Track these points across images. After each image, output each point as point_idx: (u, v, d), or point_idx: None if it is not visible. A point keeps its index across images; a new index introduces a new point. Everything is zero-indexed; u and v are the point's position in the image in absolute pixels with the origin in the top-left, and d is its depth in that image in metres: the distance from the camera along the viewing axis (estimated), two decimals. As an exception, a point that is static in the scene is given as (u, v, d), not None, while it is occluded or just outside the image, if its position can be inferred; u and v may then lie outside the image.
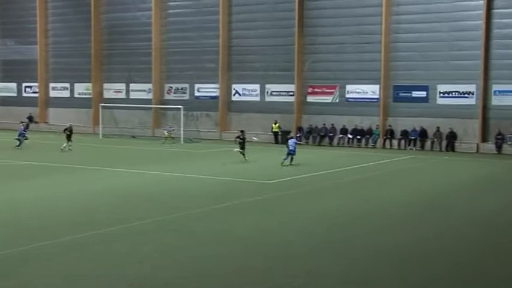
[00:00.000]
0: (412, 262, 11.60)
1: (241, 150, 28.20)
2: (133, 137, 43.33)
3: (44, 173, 23.20)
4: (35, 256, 11.47)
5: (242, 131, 29.16)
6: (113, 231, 13.58)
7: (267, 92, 42.39)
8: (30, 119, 50.24)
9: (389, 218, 16.01)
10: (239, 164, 27.39)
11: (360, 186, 22.02)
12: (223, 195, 18.95)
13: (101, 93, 47.99)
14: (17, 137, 33.25)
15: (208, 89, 44.34)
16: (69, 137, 32.35)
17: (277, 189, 20.36)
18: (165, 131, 40.07)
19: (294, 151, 26.89)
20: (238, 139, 28.57)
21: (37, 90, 50.82)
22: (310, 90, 41.09)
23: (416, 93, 37.99)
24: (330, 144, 39.70)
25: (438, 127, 36.93)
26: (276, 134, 40.88)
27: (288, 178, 22.85)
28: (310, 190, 20.53)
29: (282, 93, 41.89)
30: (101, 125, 43.98)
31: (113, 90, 47.69)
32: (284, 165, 26.32)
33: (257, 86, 42.66)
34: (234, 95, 43.60)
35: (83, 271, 10.61)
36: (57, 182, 21.03)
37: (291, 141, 27.23)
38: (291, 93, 41.29)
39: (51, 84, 50.63)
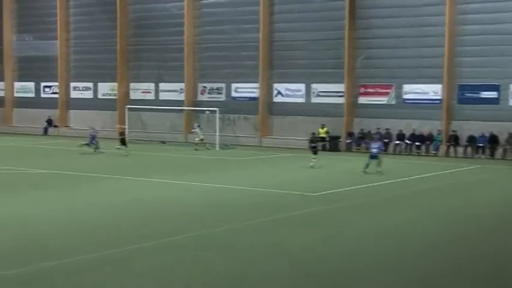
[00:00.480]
0: (486, 274, 12.34)
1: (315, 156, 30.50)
2: (163, 142, 44.20)
3: (72, 183, 24.12)
4: (65, 271, 12.17)
5: (314, 133, 33.18)
6: (152, 246, 14.17)
7: (313, 93, 42.73)
8: (50, 122, 51.72)
9: (455, 232, 16.49)
10: (282, 174, 28.18)
11: (422, 198, 22.31)
12: (268, 207, 19.51)
13: (127, 94, 49.07)
14: (89, 142, 35.89)
15: (246, 89, 44.92)
16: (123, 141, 35.08)
17: (328, 201, 20.82)
18: (195, 133, 40.64)
19: (376, 154, 27.90)
20: (312, 143, 31.30)
21: (57, 90, 52.10)
22: (362, 90, 41.28)
23: (485, 94, 37.81)
24: (385, 151, 39.72)
25: (511, 133, 36.70)
26: (323, 139, 41.19)
27: (339, 189, 23.25)
28: (368, 202, 20.97)
29: (330, 93, 42.14)
30: (127, 129, 44.85)
31: (141, 90, 48.69)
32: (368, 173, 27.35)
33: (302, 86, 43.04)
34: (275, 95, 44.08)
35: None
36: (89, 193, 21.91)
37: (375, 144, 28.53)
38: (341, 94, 41.51)
39: (73, 84, 51.89)
